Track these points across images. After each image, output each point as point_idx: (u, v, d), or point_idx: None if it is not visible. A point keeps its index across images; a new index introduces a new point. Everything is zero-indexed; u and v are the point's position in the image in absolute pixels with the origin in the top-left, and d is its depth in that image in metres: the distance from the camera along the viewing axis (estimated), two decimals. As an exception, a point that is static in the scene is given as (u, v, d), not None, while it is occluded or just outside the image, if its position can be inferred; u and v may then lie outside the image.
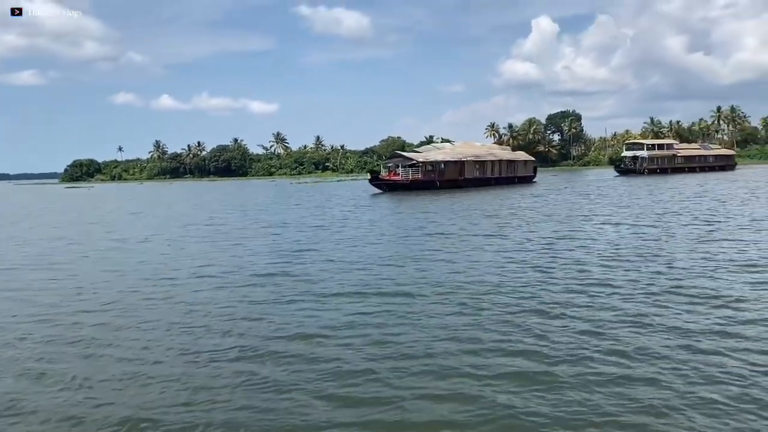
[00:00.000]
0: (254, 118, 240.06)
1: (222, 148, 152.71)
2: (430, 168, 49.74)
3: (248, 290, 11.37)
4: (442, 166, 50.60)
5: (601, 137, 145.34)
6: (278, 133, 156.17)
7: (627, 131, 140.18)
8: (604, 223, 20.55)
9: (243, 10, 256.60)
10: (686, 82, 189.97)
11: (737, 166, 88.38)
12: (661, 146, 79.67)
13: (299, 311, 9.58)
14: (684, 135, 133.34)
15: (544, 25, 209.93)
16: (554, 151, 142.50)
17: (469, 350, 7.39)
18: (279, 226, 23.69)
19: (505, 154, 61.19)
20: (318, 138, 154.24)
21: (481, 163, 54.46)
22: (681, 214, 22.73)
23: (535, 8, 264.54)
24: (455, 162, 51.71)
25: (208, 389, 6.44)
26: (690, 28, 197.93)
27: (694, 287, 10.17)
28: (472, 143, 62.35)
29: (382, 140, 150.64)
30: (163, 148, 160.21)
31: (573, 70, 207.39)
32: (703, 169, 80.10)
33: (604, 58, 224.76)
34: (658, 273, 11.50)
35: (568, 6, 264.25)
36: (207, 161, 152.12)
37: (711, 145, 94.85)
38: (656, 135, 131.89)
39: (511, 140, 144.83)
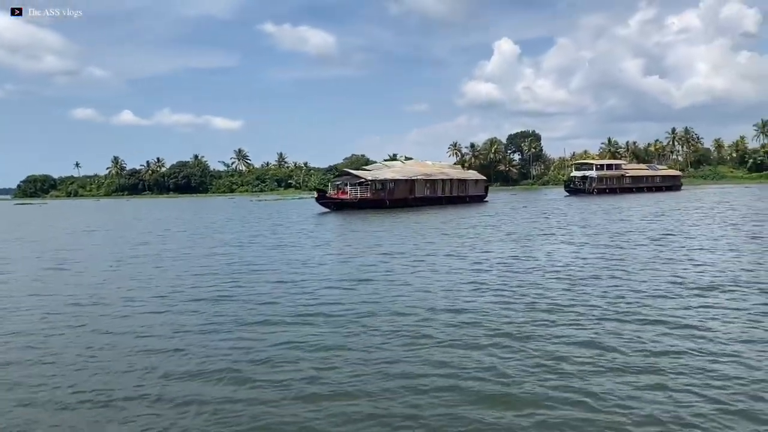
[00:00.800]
0: (218, 135, 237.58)
1: (182, 165, 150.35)
2: (379, 186, 49.34)
3: (181, 318, 10.42)
4: (392, 185, 50.21)
5: (560, 157, 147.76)
6: (240, 150, 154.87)
7: (585, 151, 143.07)
8: (546, 242, 20.44)
9: (208, 26, 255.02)
10: (642, 105, 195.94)
11: (683, 187, 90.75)
12: (609, 166, 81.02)
13: (232, 341, 8.77)
14: (640, 155, 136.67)
15: (505, 47, 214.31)
16: (515, 170, 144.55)
17: (416, 388, 6.64)
18: (220, 246, 22.87)
19: (456, 173, 61.30)
20: (281, 155, 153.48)
21: (431, 182, 54.42)
22: (633, 233, 22.94)
23: (496, 31, 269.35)
24: (405, 180, 51.46)
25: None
26: (646, 53, 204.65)
27: (650, 311, 9.84)
28: (423, 162, 62.44)
29: (346, 158, 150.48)
30: (121, 164, 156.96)
31: (534, 91, 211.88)
32: (650, 189, 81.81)
33: (563, 80, 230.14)
34: (619, 297, 11.05)
35: (528, 29, 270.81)
36: (166, 178, 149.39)
37: (658, 166, 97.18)
38: (613, 155, 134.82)
39: (473, 159, 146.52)
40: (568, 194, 73.90)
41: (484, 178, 65.25)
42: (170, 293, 12.69)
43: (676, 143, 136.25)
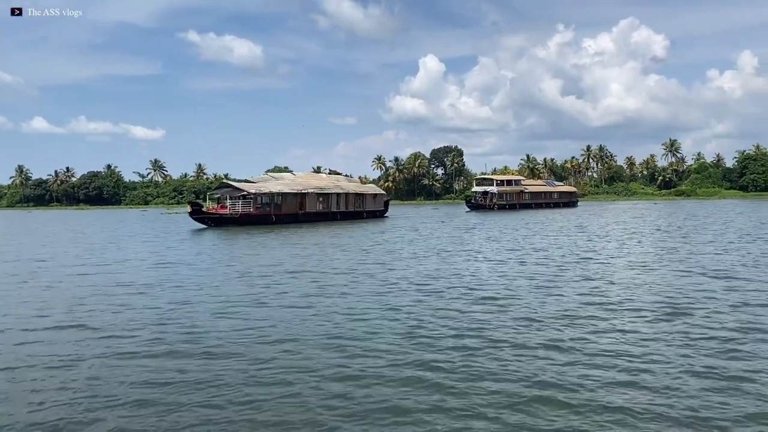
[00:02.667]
0: (137, 145, 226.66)
1: (93, 175, 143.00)
2: (266, 200, 46.89)
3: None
4: (279, 199, 47.59)
5: (482, 172, 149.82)
6: (156, 161, 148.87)
7: (506, 167, 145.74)
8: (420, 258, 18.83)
9: (127, 33, 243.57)
10: (561, 123, 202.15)
11: (579, 203, 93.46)
12: (510, 182, 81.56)
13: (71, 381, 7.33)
14: (557, 172, 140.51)
15: (431, 64, 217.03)
16: (438, 184, 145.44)
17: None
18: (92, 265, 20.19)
19: (353, 186, 59.18)
20: (200, 166, 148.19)
21: (325, 196, 52.20)
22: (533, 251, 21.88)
23: (422, 48, 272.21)
24: (295, 194, 48.87)
25: None
26: (564, 74, 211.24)
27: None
28: (316, 174, 60.52)
29: (268, 170, 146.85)
30: (27, 173, 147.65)
31: (458, 108, 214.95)
32: (548, 205, 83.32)
33: (486, 98, 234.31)
34: (529, 321, 10.14)
35: (453, 48, 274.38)
36: (76, 189, 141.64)
37: (556, 183, 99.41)
38: (532, 171, 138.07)
39: (397, 173, 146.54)
40: (469, 210, 73.86)
41: (383, 192, 63.82)
42: None
43: (591, 160, 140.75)
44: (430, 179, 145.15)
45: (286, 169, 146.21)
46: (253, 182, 49.23)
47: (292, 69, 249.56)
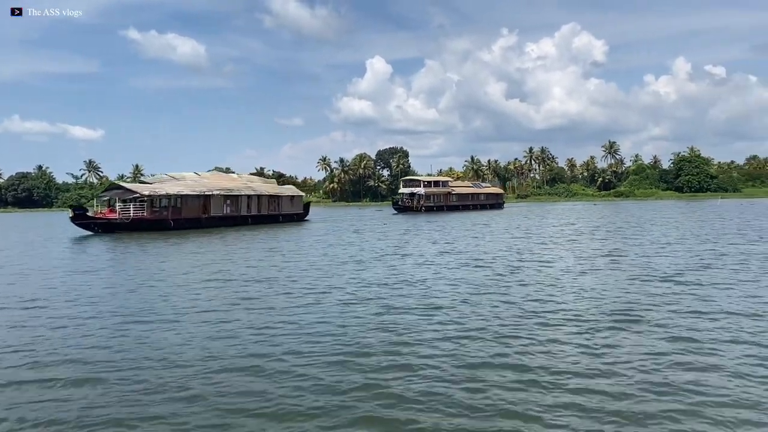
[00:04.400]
0: (76, 145, 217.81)
1: (22, 176, 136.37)
2: (164, 203, 43.99)
3: None
4: (178, 201, 44.45)
5: (427, 174, 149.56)
6: (91, 161, 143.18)
7: (450, 168, 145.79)
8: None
9: (64, 30, 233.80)
10: (505, 126, 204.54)
11: (505, 205, 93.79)
12: (437, 183, 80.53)
13: None
14: (501, 173, 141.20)
15: (378, 66, 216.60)
16: (384, 186, 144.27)
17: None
18: None
19: (268, 187, 56.21)
20: (137, 167, 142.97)
21: (233, 198, 49.27)
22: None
23: (369, 49, 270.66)
24: (197, 196, 45.63)
25: None
26: (508, 77, 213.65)
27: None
28: (225, 174, 57.88)
29: (209, 170, 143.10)
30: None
31: (405, 110, 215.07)
32: (475, 207, 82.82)
33: (433, 100, 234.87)
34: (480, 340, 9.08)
35: (400, 49, 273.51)
36: (3, 190, 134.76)
37: (483, 184, 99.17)
38: (476, 173, 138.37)
39: (342, 174, 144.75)
40: (396, 212, 72.34)
41: (302, 194, 61.57)
42: None
43: (533, 162, 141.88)
44: (375, 180, 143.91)
45: (228, 170, 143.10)
46: (149, 183, 46.26)
47: (237, 68, 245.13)
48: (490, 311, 11.03)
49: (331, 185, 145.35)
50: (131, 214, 41.53)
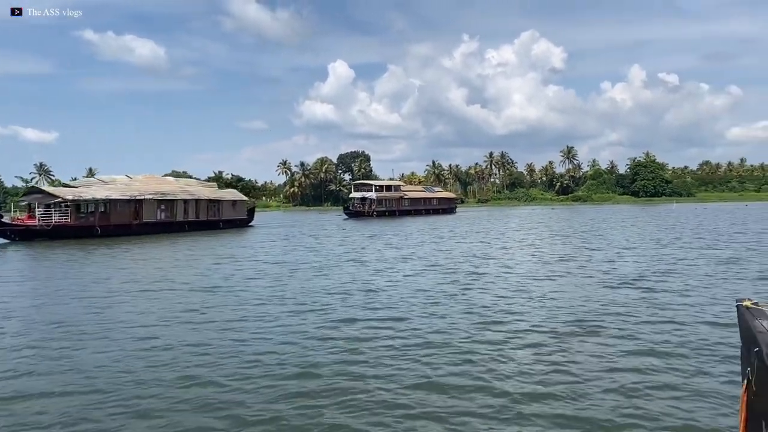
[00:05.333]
0: (28, 148, 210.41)
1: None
2: (91, 209, 41.78)
3: None
4: (105, 207, 42.27)
5: (390, 178, 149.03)
6: (41, 164, 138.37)
7: (412, 173, 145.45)
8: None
9: (14, 29, 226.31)
10: (466, 131, 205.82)
11: (460, 209, 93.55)
12: (389, 188, 79.28)
13: None
14: (462, 177, 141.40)
15: (340, 70, 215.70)
16: (345, 190, 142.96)
17: None
18: None
19: (208, 191, 54.02)
20: (90, 170, 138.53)
21: (168, 203, 47.04)
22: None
23: (331, 53, 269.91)
24: (127, 201, 43.36)
25: None
26: (469, 83, 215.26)
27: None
28: (160, 177, 55.65)
29: (165, 174, 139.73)
30: None
31: (368, 114, 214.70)
32: (428, 212, 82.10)
33: (396, 105, 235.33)
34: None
35: (362, 54, 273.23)
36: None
37: (435, 189, 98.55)
38: (437, 177, 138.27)
39: (303, 178, 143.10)
40: (347, 217, 71.00)
41: (246, 198, 59.76)
42: None
43: (493, 167, 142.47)
44: (337, 184, 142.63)
45: (184, 174, 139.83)
46: (75, 187, 44.03)
47: (197, 71, 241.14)
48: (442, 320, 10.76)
49: (292, 189, 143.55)
50: (53, 221, 39.33)
